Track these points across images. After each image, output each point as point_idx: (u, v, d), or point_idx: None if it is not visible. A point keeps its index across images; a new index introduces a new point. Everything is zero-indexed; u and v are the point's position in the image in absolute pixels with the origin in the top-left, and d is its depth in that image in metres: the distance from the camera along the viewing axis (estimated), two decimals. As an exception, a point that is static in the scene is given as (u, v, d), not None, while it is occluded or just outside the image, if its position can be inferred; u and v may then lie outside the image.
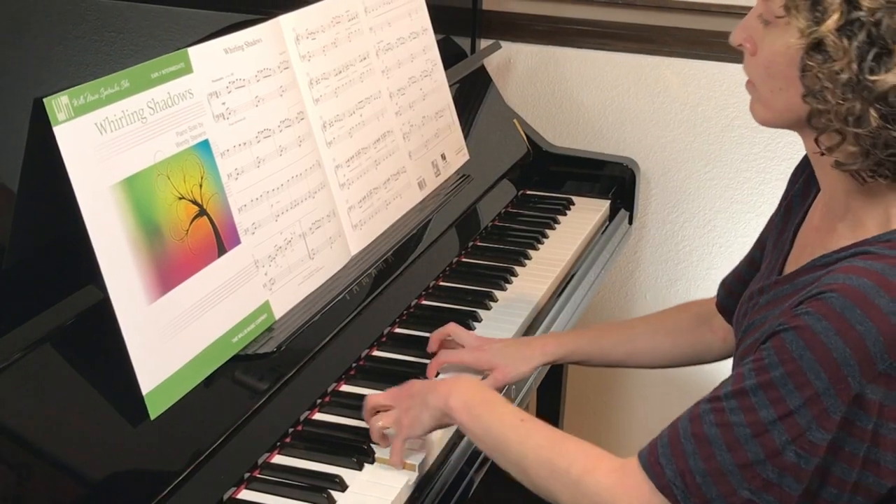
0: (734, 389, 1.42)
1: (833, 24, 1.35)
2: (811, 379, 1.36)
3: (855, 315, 1.34)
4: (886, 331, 1.33)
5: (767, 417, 1.38)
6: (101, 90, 1.57)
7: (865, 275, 1.36)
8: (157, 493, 1.51)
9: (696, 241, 3.10)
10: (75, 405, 1.50)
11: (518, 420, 1.63)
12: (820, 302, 1.37)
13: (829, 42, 1.36)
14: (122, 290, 1.55)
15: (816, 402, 1.36)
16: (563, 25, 3.02)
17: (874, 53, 1.34)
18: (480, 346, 1.99)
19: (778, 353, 1.39)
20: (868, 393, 1.35)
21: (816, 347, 1.35)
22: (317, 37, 2.06)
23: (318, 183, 1.99)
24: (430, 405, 1.69)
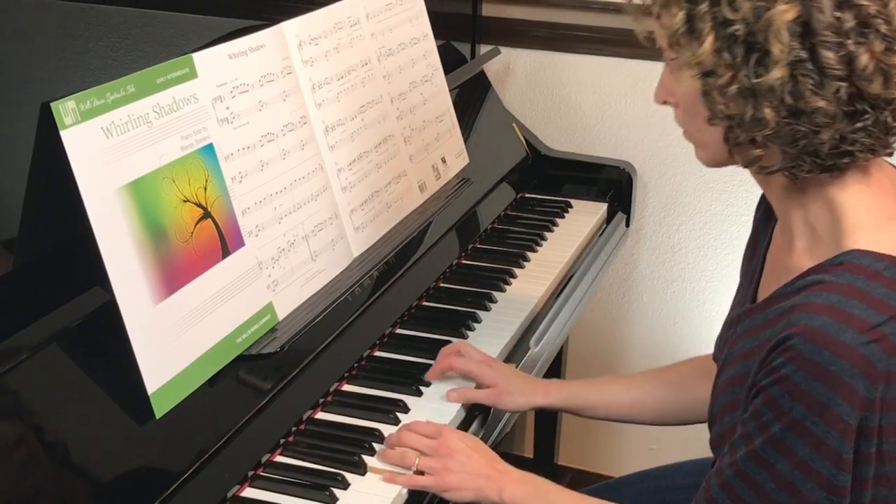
0: (748, 451, 1.44)
1: (710, 45, 1.40)
2: (808, 426, 1.37)
3: (825, 357, 1.34)
4: (859, 362, 1.34)
5: (784, 470, 1.40)
6: (107, 95, 1.57)
7: (824, 312, 1.37)
8: (162, 491, 1.51)
9: (691, 243, 3.09)
10: (82, 404, 1.50)
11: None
12: (789, 351, 1.38)
13: (711, 63, 1.41)
14: (128, 292, 1.55)
15: (822, 446, 1.37)
16: (561, 31, 3.02)
17: (755, 59, 1.38)
18: (488, 361, 1.98)
19: (771, 410, 1.40)
20: (864, 421, 1.36)
21: (801, 397, 1.37)
22: (319, 42, 2.06)
23: (321, 186, 1.99)
24: (481, 491, 1.70)
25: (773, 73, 1.37)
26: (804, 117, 1.38)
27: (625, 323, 3.23)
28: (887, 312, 1.36)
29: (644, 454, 3.27)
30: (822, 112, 1.38)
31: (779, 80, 1.37)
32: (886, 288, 1.38)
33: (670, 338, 3.18)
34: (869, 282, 1.39)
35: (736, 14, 1.37)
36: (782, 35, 1.35)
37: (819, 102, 1.37)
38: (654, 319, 3.20)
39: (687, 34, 1.43)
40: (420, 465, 1.71)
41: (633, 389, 2.00)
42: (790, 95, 1.37)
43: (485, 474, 1.72)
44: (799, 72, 1.36)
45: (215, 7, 1.91)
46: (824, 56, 1.36)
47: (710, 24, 1.40)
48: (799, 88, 1.37)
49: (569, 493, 1.71)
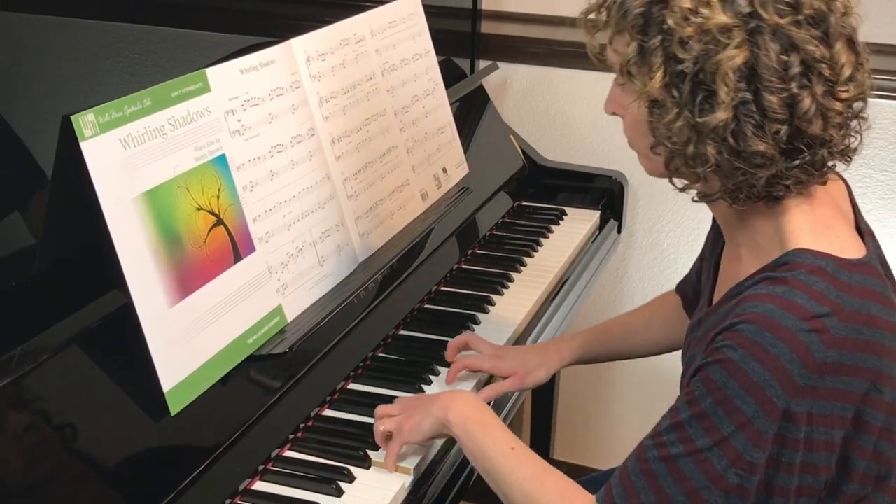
0: (672, 423, 1.44)
1: (659, 80, 1.39)
2: (739, 405, 1.37)
3: (766, 338, 1.35)
4: (797, 347, 1.35)
5: (705, 445, 1.39)
6: (124, 108, 1.57)
7: (769, 300, 1.38)
8: (177, 484, 1.51)
9: (680, 248, 3.09)
10: (101, 402, 1.50)
11: (509, 448, 1.63)
12: (733, 332, 1.38)
13: (660, 97, 1.40)
14: (145, 295, 1.55)
15: (748, 426, 1.37)
16: (556, 47, 3.02)
17: (701, 97, 1.37)
18: (498, 353, 1.99)
19: (705, 385, 1.40)
20: (794, 406, 1.37)
21: (738, 375, 1.37)
22: (326, 58, 2.06)
23: (328, 194, 1.99)
24: (431, 414, 1.69)
25: (717, 114, 1.36)
26: (744, 156, 1.38)
27: (617, 324, 3.24)
28: (828, 306, 1.37)
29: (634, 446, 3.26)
30: (761, 154, 1.38)
31: (722, 122, 1.36)
32: (827, 283, 1.39)
33: (660, 339, 3.18)
34: (811, 276, 1.39)
35: (686, 53, 1.36)
36: (729, 78, 1.35)
37: (759, 145, 1.37)
38: (644, 321, 3.20)
39: (638, 65, 1.42)
40: (385, 429, 1.72)
41: (631, 336, 2.07)
42: (732, 136, 1.37)
43: (435, 397, 1.73)
44: (742, 113, 1.36)
45: (227, 25, 1.91)
46: (767, 99, 1.36)
47: (661, 59, 1.39)
48: (741, 129, 1.37)
49: (507, 435, 1.67)
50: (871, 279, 1.43)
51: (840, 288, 1.39)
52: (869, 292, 1.41)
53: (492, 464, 1.62)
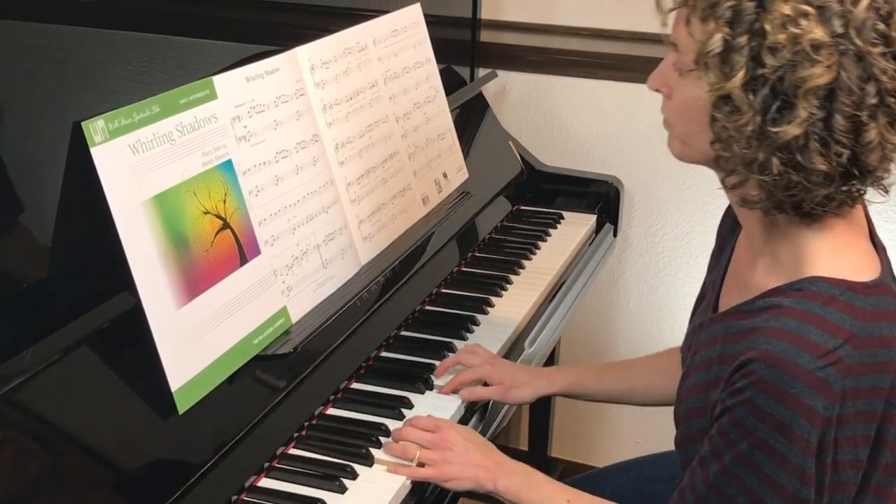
0: (719, 468, 1.44)
1: (739, 80, 1.33)
2: (773, 444, 1.37)
3: (784, 381, 1.34)
4: (815, 383, 1.34)
5: (753, 484, 1.40)
6: (133, 115, 1.57)
7: (783, 337, 1.36)
8: (185, 481, 1.52)
9: (674, 251, 3.09)
10: (111, 401, 1.50)
11: (565, 501, 1.66)
12: (751, 375, 1.37)
13: (735, 96, 1.35)
14: (153, 297, 1.55)
15: (787, 463, 1.37)
16: (554, 56, 3.02)
17: (777, 107, 1.33)
18: (491, 361, 1.97)
19: (738, 430, 1.40)
20: (825, 436, 1.37)
21: (765, 419, 1.36)
22: (330, 66, 2.06)
23: (331, 199, 1.99)
24: (478, 481, 1.70)
25: (790, 128, 1.32)
26: (803, 173, 1.35)
27: (612, 326, 3.23)
28: (842, 336, 1.36)
29: (630, 447, 3.27)
30: (823, 174, 1.34)
31: (794, 137, 1.32)
32: (841, 312, 1.37)
33: (654, 339, 3.18)
34: (825, 307, 1.38)
35: (773, 60, 1.32)
36: (811, 96, 1.31)
37: (822, 165, 1.34)
38: (639, 322, 3.20)
39: (718, 58, 1.36)
40: (421, 458, 1.71)
41: (629, 378, 2.01)
42: (798, 152, 1.33)
43: (482, 465, 1.71)
44: (812, 131, 1.33)
45: (234, 34, 1.91)
46: (838, 122, 1.32)
47: (746, 58, 1.34)
48: (808, 146, 1.33)
49: (558, 486, 1.71)
50: (885, 299, 1.41)
51: (854, 315, 1.38)
52: (883, 314, 1.40)
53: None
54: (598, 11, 3.00)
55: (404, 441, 1.74)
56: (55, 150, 1.51)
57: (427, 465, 1.70)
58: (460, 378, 1.94)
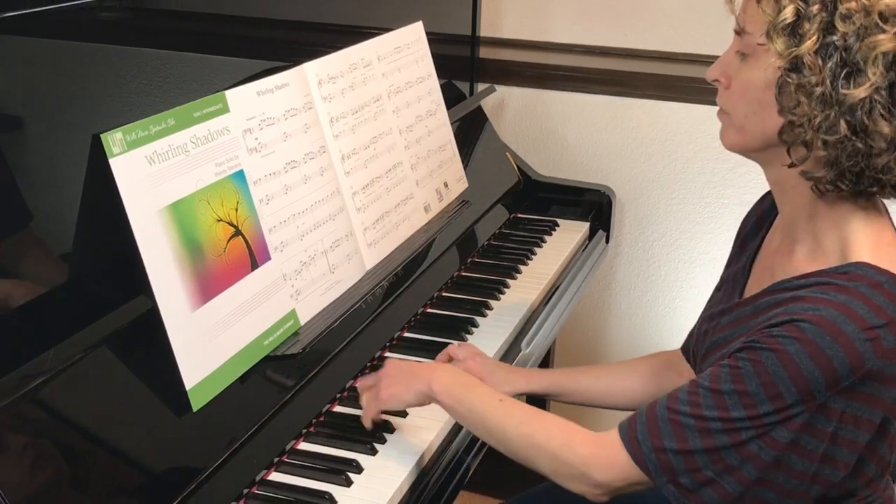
0: (711, 388, 1.43)
1: (811, 45, 1.35)
2: (783, 392, 1.37)
3: (825, 341, 1.34)
4: (852, 354, 1.34)
5: (738, 416, 1.40)
6: (150, 127, 1.57)
7: (833, 306, 1.37)
8: (198, 475, 1.52)
9: (663, 257, 3.10)
10: (128, 399, 1.50)
11: (497, 400, 1.63)
12: (793, 328, 1.37)
13: (807, 61, 1.36)
14: (169, 300, 1.55)
15: (785, 411, 1.38)
16: (549, 71, 3.03)
17: (846, 72, 1.35)
18: (474, 356, 1.94)
19: (754, 366, 1.39)
20: (830, 402, 1.37)
21: (790, 367, 1.36)
22: (336, 81, 2.06)
23: (338, 207, 1.99)
24: (412, 388, 1.69)
25: (859, 91, 1.34)
26: (868, 137, 1.36)
27: (605, 327, 3.23)
28: (885, 318, 1.36)
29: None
30: (884, 137, 1.36)
31: (861, 99, 1.34)
32: (886, 298, 1.38)
33: (644, 340, 3.18)
34: (872, 290, 1.38)
35: (845, 26, 1.34)
36: (879, 61, 1.33)
37: (885, 128, 1.35)
38: (630, 324, 3.20)
39: (789, 28, 1.37)
40: (366, 397, 1.73)
41: (605, 379, 1.95)
42: (865, 115, 1.35)
43: (414, 374, 1.71)
44: (876, 95, 1.34)
45: (245, 50, 1.92)
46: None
47: (818, 26, 1.35)
48: (874, 110, 1.35)
49: (492, 391, 1.68)
50: None
51: None
52: None
53: (484, 418, 1.62)
54: (590, 29, 3.00)
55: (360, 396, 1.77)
56: (76, 161, 1.51)
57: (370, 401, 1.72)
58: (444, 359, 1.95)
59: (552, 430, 1.56)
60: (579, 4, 2.99)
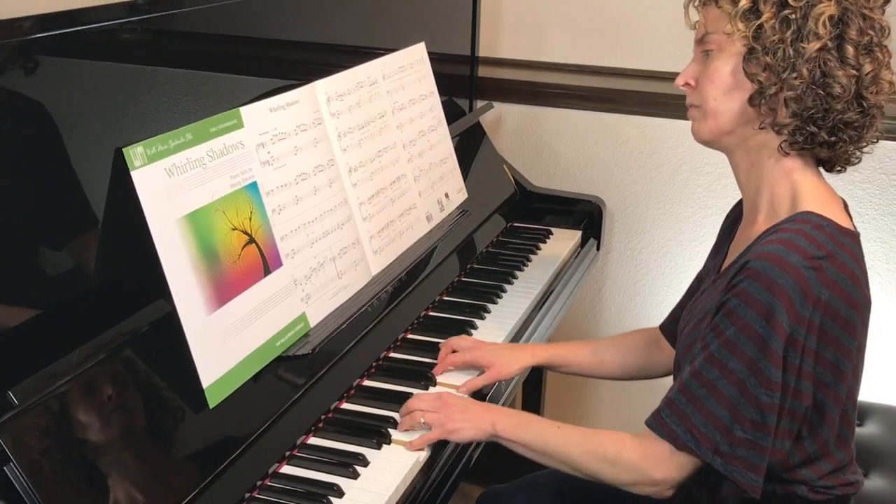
0: (705, 356, 1.50)
1: (770, 17, 1.50)
2: (755, 328, 1.44)
3: (774, 272, 1.43)
4: (799, 279, 1.43)
5: (735, 367, 1.46)
6: (169, 141, 1.57)
7: (778, 242, 1.47)
8: (214, 468, 1.52)
9: (651, 263, 3.09)
10: (148, 396, 1.50)
11: (555, 428, 1.68)
12: (746, 270, 1.47)
13: (767, 28, 1.50)
14: (187, 304, 1.55)
15: (766, 346, 1.44)
16: (543, 89, 3.03)
17: (801, 35, 1.50)
18: (476, 346, 1.98)
19: (728, 317, 1.47)
20: (795, 333, 1.44)
21: (752, 303, 1.44)
22: (344, 98, 2.06)
23: (345, 216, 1.99)
24: (479, 427, 1.71)
25: (814, 44, 1.48)
26: (826, 84, 1.49)
27: (596, 329, 3.23)
28: (825, 251, 1.46)
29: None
30: (839, 83, 1.49)
31: (817, 51, 1.48)
32: (826, 237, 1.48)
33: (634, 342, 3.18)
34: (814, 230, 1.49)
35: (796, 2, 1.49)
36: (826, 22, 1.48)
37: (841, 76, 1.49)
38: (619, 326, 3.19)
39: (749, 12, 1.52)
40: (427, 421, 1.72)
41: (599, 352, 2.03)
42: (822, 63, 1.49)
43: (480, 414, 1.73)
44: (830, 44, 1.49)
45: (258, 69, 1.92)
46: (849, 41, 1.49)
47: (772, 3, 1.51)
48: (829, 62, 1.49)
49: (547, 420, 1.72)
50: (859, 250, 1.53)
51: (835, 243, 1.48)
52: (855, 257, 1.50)
53: (548, 447, 1.66)
54: (582, 49, 3.00)
55: (411, 411, 1.75)
56: (99, 174, 1.51)
57: (433, 427, 1.72)
58: (451, 360, 1.96)
59: (606, 443, 1.61)
60: (572, 26, 2.99)
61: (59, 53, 1.45)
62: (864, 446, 2.25)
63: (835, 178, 1.67)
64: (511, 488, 2.04)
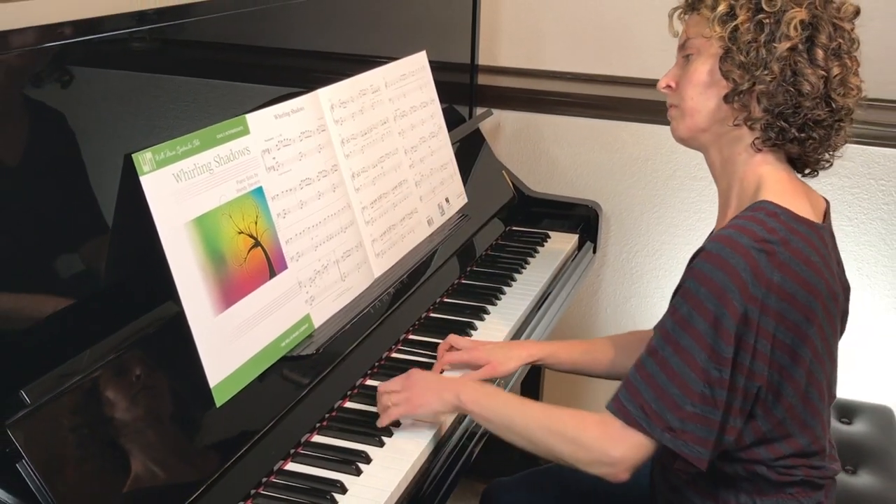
0: (660, 333, 1.52)
1: (745, 19, 1.55)
2: (708, 306, 1.46)
3: (726, 252, 1.46)
4: (750, 261, 1.46)
5: (686, 343, 1.48)
6: (177, 147, 1.57)
7: (731, 228, 1.51)
8: (222, 465, 1.52)
9: (645, 266, 3.10)
10: (157, 395, 1.50)
11: (519, 403, 1.67)
12: (701, 253, 1.51)
13: (742, 29, 1.55)
14: (194, 305, 1.55)
15: (717, 323, 1.46)
16: (542, 97, 3.03)
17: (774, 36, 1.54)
18: (475, 346, 1.98)
19: (683, 296, 1.50)
20: (749, 313, 1.46)
21: (705, 282, 1.47)
22: (347, 106, 2.06)
23: (349, 220, 2.00)
24: (442, 398, 1.70)
25: (785, 44, 1.52)
26: (796, 82, 1.53)
27: (592, 330, 3.23)
28: (777, 237, 1.48)
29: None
30: (808, 81, 1.53)
31: (788, 49, 1.51)
32: (780, 224, 1.50)
33: (629, 342, 3.18)
34: (767, 216, 1.51)
35: (770, 7, 1.53)
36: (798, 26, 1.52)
37: (809, 73, 1.52)
38: (615, 327, 3.20)
39: (726, 16, 1.56)
40: (394, 402, 1.72)
41: (593, 352, 2.02)
42: (792, 63, 1.52)
43: (443, 386, 1.73)
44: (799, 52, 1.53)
45: (264, 77, 1.92)
46: (819, 44, 1.53)
47: (747, 9, 1.55)
48: (798, 62, 1.52)
49: (514, 396, 1.72)
50: (816, 237, 1.53)
51: (789, 230, 1.50)
52: (812, 244, 1.51)
53: (509, 420, 1.65)
54: (579, 58, 3.00)
55: (381, 395, 1.76)
56: (109, 179, 1.51)
57: (400, 405, 1.72)
58: (449, 358, 1.96)
59: (566, 419, 1.60)
60: (569, 36, 3.00)
61: (72, 62, 1.45)
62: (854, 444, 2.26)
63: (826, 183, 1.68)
64: (515, 481, 2.05)
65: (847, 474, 2.16)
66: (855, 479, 2.15)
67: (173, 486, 1.45)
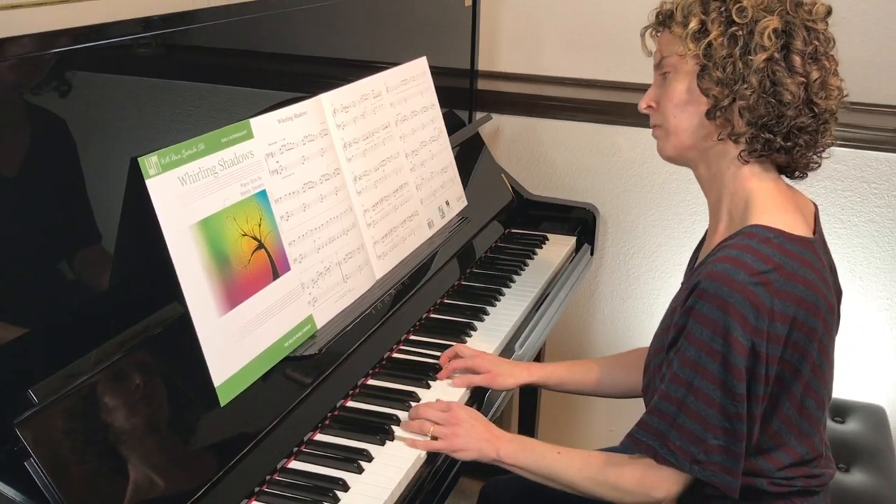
0: (670, 377, 1.51)
1: (718, 34, 1.52)
2: (715, 347, 1.45)
3: (723, 291, 1.45)
4: (749, 296, 1.44)
5: (699, 383, 1.48)
6: (182, 151, 1.57)
7: (724, 261, 1.48)
8: (225, 463, 1.52)
9: (642, 268, 3.09)
10: (163, 394, 1.50)
11: (556, 454, 1.69)
12: (698, 290, 1.48)
13: (716, 45, 1.53)
14: (199, 306, 1.55)
15: (726, 361, 1.45)
16: (540, 101, 3.03)
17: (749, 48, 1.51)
18: (480, 355, 1.99)
19: (686, 338, 1.49)
20: (756, 346, 1.45)
21: (708, 324, 1.46)
22: (349, 110, 2.06)
23: (350, 223, 2.00)
24: (482, 452, 1.72)
25: (761, 55, 1.49)
26: (776, 92, 1.50)
27: (590, 330, 3.23)
28: (771, 264, 1.47)
29: (605, 434, 3.26)
30: (789, 91, 1.50)
31: (765, 61, 1.49)
32: (772, 249, 1.48)
33: (624, 342, 3.17)
34: (760, 244, 1.49)
35: (741, 18, 1.51)
36: (771, 34, 1.49)
37: (788, 83, 1.50)
38: (612, 328, 3.20)
39: (698, 33, 1.54)
40: (434, 432, 1.72)
41: (596, 371, 2.01)
42: (770, 73, 1.50)
43: (484, 437, 1.73)
44: (776, 61, 1.50)
45: (267, 82, 1.92)
46: (795, 51, 1.50)
47: (719, 22, 1.53)
48: (777, 72, 1.50)
49: (548, 445, 1.73)
50: (810, 253, 1.52)
51: (783, 253, 1.48)
52: (807, 262, 1.50)
53: (550, 472, 1.68)
54: (578, 63, 3.00)
55: (420, 419, 1.75)
56: (115, 182, 1.51)
57: (439, 439, 1.72)
58: (454, 365, 1.96)
59: (605, 469, 1.63)
60: (568, 41, 3.00)
61: (78, 67, 1.45)
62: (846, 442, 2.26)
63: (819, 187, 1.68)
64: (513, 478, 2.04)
65: (840, 472, 2.16)
66: (848, 477, 2.15)
67: (179, 483, 1.45)
